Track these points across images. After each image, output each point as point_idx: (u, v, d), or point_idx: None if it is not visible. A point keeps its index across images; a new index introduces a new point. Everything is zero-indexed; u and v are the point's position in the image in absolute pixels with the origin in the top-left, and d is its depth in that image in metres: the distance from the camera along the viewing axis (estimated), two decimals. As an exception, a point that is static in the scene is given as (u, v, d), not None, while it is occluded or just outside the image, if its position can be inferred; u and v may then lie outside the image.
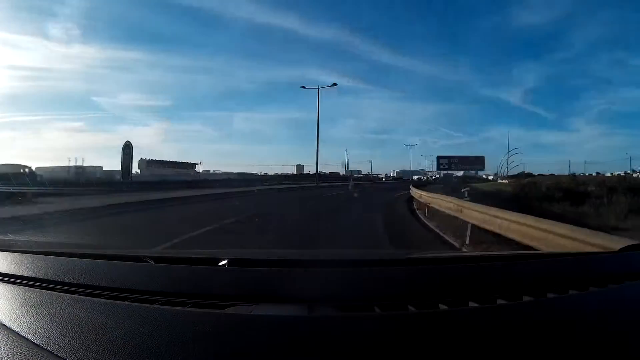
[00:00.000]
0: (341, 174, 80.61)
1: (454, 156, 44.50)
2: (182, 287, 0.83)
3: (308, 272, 0.98)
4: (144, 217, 8.83)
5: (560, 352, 0.58)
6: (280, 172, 64.37)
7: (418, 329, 0.64)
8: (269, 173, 66.49)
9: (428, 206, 9.01)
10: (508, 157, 50.60)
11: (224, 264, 0.99)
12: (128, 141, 30.76)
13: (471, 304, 0.73)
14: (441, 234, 6.30)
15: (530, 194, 14.21)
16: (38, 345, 0.57)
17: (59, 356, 0.54)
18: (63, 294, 0.81)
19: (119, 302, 0.76)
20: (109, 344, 0.57)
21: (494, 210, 4.34)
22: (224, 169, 61.35)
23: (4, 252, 1.21)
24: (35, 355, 0.55)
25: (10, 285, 0.88)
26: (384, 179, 68.94)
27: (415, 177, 80.00)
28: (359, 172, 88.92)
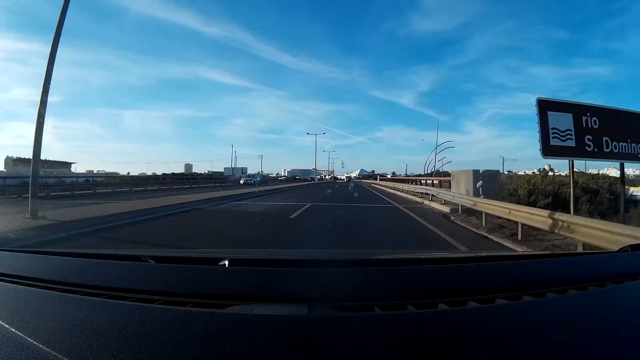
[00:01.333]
0: (225, 173, 71.72)
1: (605, 109, 5.88)
2: (182, 287, 0.83)
3: (308, 271, 0.98)
4: None
5: (560, 352, 0.58)
6: (168, 172, 54.57)
7: (418, 329, 0.64)
8: (157, 173, 56.29)
9: None
10: (436, 154, 41.46)
11: (224, 264, 1.00)
12: None
13: (471, 304, 0.73)
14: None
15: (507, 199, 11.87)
16: (38, 345, 0.57)
17: (59, 356, 0.54)
18: (63, 293, 0.81)
19: (119, 302, 0.76)
20: (109, 344, 0.57)
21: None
22: (109, 169, 55.97)
23: (4, 252, 1.21)
24: (35, 355, 0.55)
25: (10, 285, 0.88)
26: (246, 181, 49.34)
27: (310, 177, 71.36)
28: (243, 169, 79.77)
